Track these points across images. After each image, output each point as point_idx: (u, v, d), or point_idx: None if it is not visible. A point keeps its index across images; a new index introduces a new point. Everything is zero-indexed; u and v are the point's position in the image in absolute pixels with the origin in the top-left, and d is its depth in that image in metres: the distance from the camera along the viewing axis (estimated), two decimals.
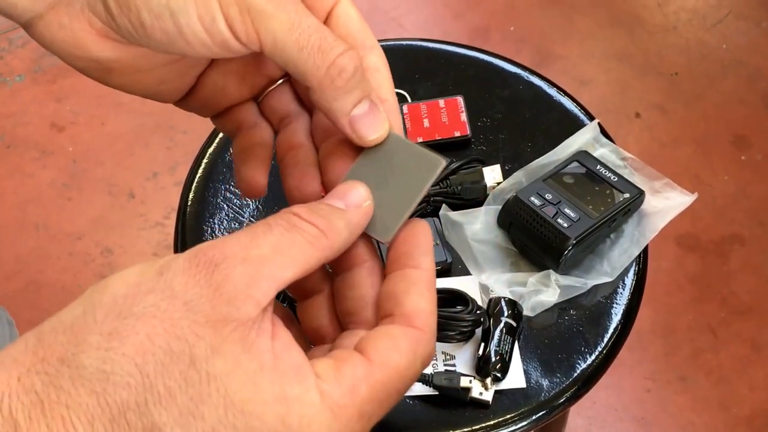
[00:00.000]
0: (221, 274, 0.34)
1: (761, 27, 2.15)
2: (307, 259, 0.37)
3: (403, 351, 0.37)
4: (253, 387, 0.33)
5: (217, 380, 0.33)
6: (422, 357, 0.38)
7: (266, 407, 0.33)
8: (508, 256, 0.83)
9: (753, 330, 1.66)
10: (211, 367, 0.33)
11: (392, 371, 0.37)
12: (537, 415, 0.75)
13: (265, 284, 0.35)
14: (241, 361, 0.33)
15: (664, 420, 1.56)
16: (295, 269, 0.36)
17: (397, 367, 0.37)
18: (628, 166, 0.88)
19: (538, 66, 1.02)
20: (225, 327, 0.33)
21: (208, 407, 0.32)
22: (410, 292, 0.39)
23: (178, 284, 0.34)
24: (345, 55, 0.40)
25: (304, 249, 0.37)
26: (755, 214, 1.81)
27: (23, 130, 1.97)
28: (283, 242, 0.36)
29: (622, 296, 0.82)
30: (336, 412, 0.34)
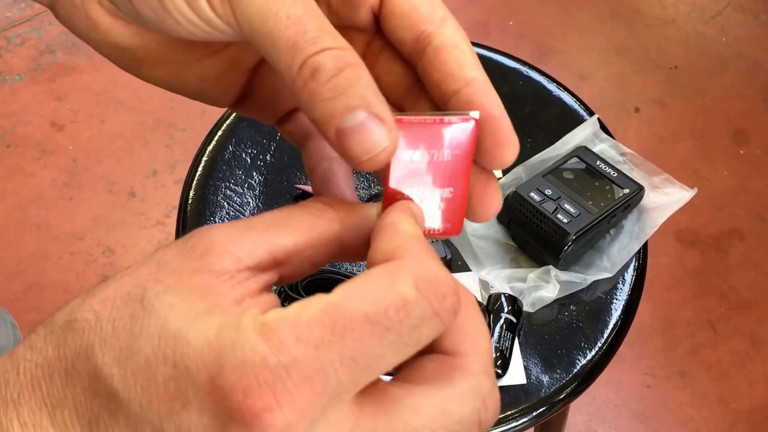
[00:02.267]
0: (197, 236, 0.31)
1: (760, 19, 2.15)
2: (310, 227, 0.33)
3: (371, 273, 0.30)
4: (193, 318, 0.29)
5: (158, 311, 0.30)
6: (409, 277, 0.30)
7: (197, 332, 0.29)
8: (507, 251, 0.83)
9: (752, 325, 1.66)
10: (157, 302, 0.30)
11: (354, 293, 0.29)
12: (537, 411, 0.75)
13: (250, 245, 0.31)
14: (191, 297, 0.30)
15: (663, 415, 1.56)
16: (295, 237, 0.32)
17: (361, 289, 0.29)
18: (627, 162, 0.88)
19: (538, 61, 1.02)
20: (192, 277, 0.30)
21: (144, 339, 0.29)
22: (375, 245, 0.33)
23: (160, 252, 0.32)
24: (325, 53, 0.33)
25: (304, 219, 0.33)
26: (754, 208, 1.81)
27: (23, 129, 1.97)
28: (280, 216, 0.33)
29: (622, 292, 0.82)
30: (267, 334, 0.28)
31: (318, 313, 0.29)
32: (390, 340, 0.29)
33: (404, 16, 0.36)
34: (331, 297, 0.29)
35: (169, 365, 0.29)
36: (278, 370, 0.28)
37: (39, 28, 2.13)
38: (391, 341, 0.29)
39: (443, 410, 0.30)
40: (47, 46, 2.10)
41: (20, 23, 2.15)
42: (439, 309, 0.30)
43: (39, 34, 2.12)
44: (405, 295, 0.29)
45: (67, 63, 2.06)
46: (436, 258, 0.32)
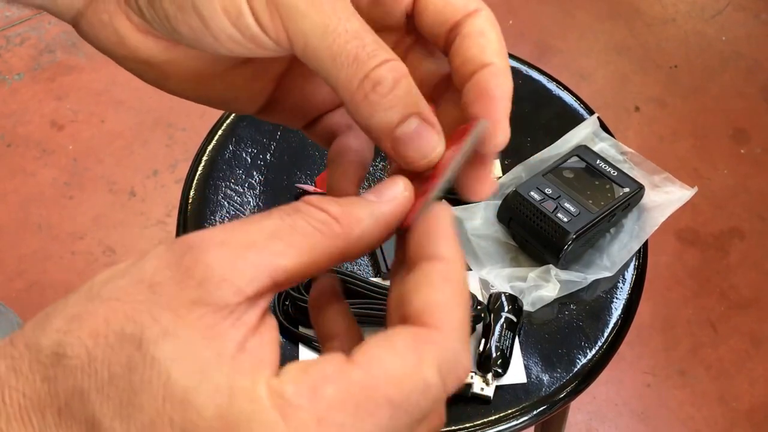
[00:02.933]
0: (193, 256, 0.30)
1: (760, 18, 2.15)
2: (313, 246, 0.31)
3: (398, 349, 0.30)
4: (200, 376, 0.28)
5: (160, 365, 0.28)
6: (435, 360, 0.30)
7: (207, 399, 0.28)
8: (508, 251, 0.83)
9: (752, 324, 1.66)
10: (157, 351, 0.28)
11: (379, 373, 0.29)
12: (538, 410, 0.75)
13: (251, 270, 0.30)
14: (194, 346, 0.29)
15: (664, 414, 1.56)
16: (296, 257, 0.31)
17: (386, 369, 0.29)
18: (627, 161, 0.88)
19: (538, 60, 1.02)
20: (190, 312, 0.29)
21: (147, 397, 0.28)
22: (421, 286, 0.32)
23: (149, 268, 0.30)
24: (384, 66, 0.34)
25: (307, 235, 0.31)
26: (755, 207, 1.81)
27: (23, 129, 1.97)
28: (281, 227, 0.31)
29: (622, 291, 0.82)
30: (286, 412, 0.28)
31: (340, 393, 0.28)
32: (405, 421, 0.29)
33: (438, 12, 0.37)
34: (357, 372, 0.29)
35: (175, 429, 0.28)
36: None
37: (39, 28, 2.13)
38: (406, 422, 0.29)
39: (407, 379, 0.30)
40: (47, 45, 2.10)
41: (20, 23, 2.15)
42: (451, 390, 0.30)
43: (39, 33, 2.12)
44: (428, 381, 0.29)
45: (67, 62, 2.07)
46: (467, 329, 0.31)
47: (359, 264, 0.83)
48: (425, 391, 0.29)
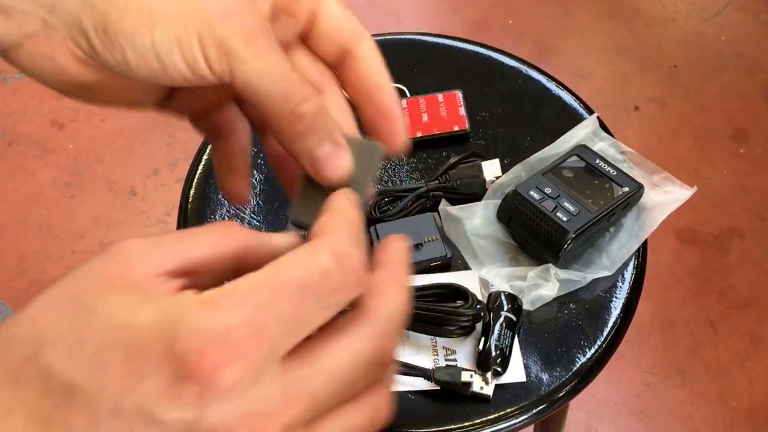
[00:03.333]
0: (115, 248, 0.36)
1: (760, 18, 2.15)
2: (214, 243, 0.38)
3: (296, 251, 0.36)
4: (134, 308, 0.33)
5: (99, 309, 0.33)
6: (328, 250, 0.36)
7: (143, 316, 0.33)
8: (507, 250, 0.84)
9: (752, 323, 1.66)
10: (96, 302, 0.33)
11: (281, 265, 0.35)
12: (537, 408, 0.75)
13: (163, 255, 0.36)
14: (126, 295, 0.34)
15: (663, 414, 1.57)
16: (202, 251, 0.37)
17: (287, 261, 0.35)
18: (627, 160, 0.88)
19: (537, 60, 1.02)
20: (116, 279, 0.34)
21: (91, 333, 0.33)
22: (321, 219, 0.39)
23: (77, 270, 0.36)
24: (308, 102, 0.42)
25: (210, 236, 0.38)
26: (754, 207, 1.81)
27: (24, 128, 1.97)
28: (189, 232, 0.38)
29: (622, 290, 0.82)
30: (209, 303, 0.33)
31: (256, 282, 0.34)
32: (315, 301, 0.35)
33: (331, 36, 0.46)
34: (265, 270, 0.34)
35: (121, 348, 0.32)
36: (226, 331, 0.32)
37: None
38: (316, 302, 0.35)
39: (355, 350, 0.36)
40: None
41: None
42: (349, 280, 0.36)
43: None
44: (324, 266, 0.35)
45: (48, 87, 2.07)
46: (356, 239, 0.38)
47: None
48: (324, 275, 0.35)
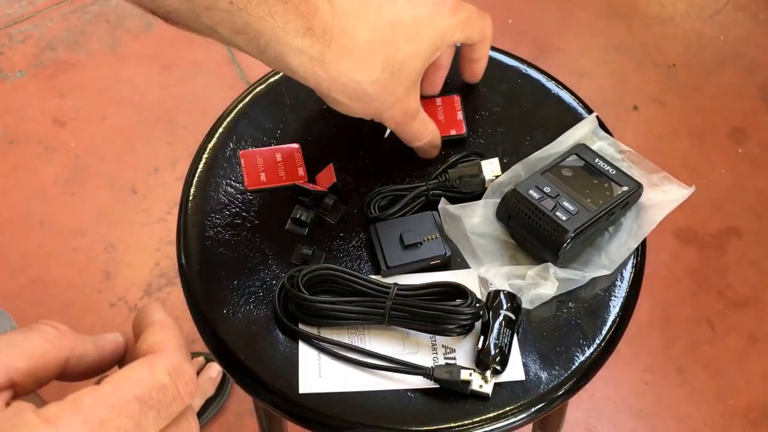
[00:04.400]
0: None
1: (758, 18, 2.16)
2: (42, 353, 0.39)
3: (135, 366, 0.39)
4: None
5: None
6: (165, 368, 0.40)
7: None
8: (506, 249, 0.84)
9: (750, 322, 1.67)
10: None
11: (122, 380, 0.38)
12: (536, 407, 0.76)
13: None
14: None
15: (661, 412, 1.57)
16: (28, 360, 0.38)
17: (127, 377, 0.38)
18: (626, 159, 0.89)
19: (537, 59, 1.02)
20: None
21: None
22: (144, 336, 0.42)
23: None
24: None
25: (38, 344, 0.39)
26: (752, 206, 1.81)
27: (25, 126, 1.97)
28: (17, 338, 0.39)
29: (621, 289, 0.82)
30: (53, 421, 0.35)
31: (98, 398, 0.37)
32: (152, 415, 0.38)
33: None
34: (106, 386, 0.37)
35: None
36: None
37: (41, 25, 2.13)
38: (153, 416, 0.38)
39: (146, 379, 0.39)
40: (48, 43, 2.10)
41: (22, 20, 2.15)
42: (184, 392, 0.40)
43: (41, 31, 2.12)
44: (162, 381, 0.39)
45: (69, 60, 2.07)
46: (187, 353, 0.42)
47: (359, 261, 0.84)
48: (161, 389, 0.39)
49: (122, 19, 2.14)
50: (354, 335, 0.78)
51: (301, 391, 0.75)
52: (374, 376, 0.76)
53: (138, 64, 2.06)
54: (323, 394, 0.75)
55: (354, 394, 0.75)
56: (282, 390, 0.76)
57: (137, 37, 2.11)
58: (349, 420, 0.74)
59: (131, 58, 2.08)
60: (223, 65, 2.06)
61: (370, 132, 0.94)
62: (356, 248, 0.85)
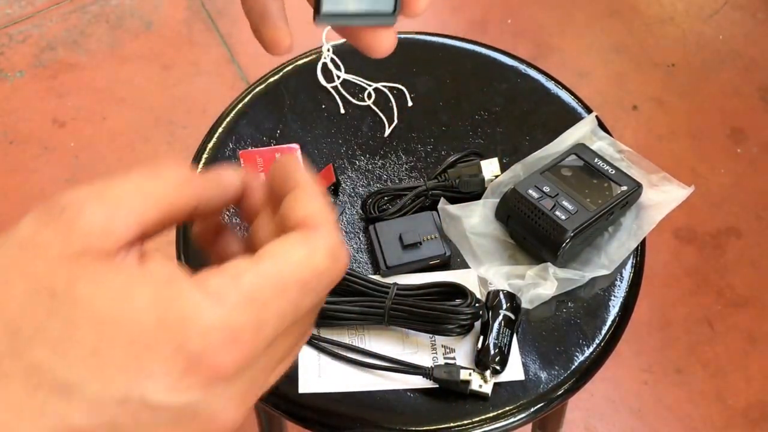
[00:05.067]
0: (72, 212, 0.33)
1: (757, 18, 2.16)
2: (172, 202, 0.37)
3: (293, 242, 0.36)
4: (122, 298, 0.32)
5: (83, 302, 0.32)
6: (324, 248, 0.37)
7: (140, 313, 0.32)
8: (506, 248, 0.84)
9: (749, 322, 1.67)
10: (73, 294, 0.32)
11: (283, 261, 0.36)
12: (536, 407, 0.76)
13: (124, 221, 0.34)
14: (103, 279, 0.32)
15: (660, 412, 1.57)
16: (159, 211, 0.36)
17: (288, 257, 0.36)
18: (625, 159, 0.89)
19: (536, 59, 1.02)
20: (81, 258, 0.32)
21: (81, 330, 0.31)
22: (296, 203, 0.39)
23: (27, 231, 0.33)
24: None
25: (167, 192, 0.37)
26: (751, 206, 1.82)
27: (25, 126, 1.97)
28: (144, 183, 0.36)
29: (620, 289, 0.83)
30: (217, 298, 0.33)
31: (259, 276, 0.34)
32: (308, 301, 0.36)
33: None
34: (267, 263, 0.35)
35: (122, 346, 0.31)
36: (237, 328, 0.33)
37: (40, 25, 2.13)
38: (309, 302, 0.36)
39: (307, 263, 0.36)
40: (48, 43, 2.10)
41: (21, 20, 2.15)
42: (340, 275, 0.37)
43: (40, 31, 2.12)
44: (321, 266, 0.36)
45: (69, 60, 2.07)
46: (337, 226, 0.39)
47: (358, 262, 0.84)
48: (322, 274, 0.36)
49: (122, 20, 2.14)
50: (353, 335, 0.78)
51: (301, 390, 0.75)
52: (374, 376, 0.76)
53: (138, 64, 2.06)
54: (323, 394, 0.75)
55: (353, 394, 0.75)
56: (282, 390, 0.76)
57: (137, 37, 2.11)
58: (349, 420, 0.75)
59: (131, 58, 2.08)
60: (222, 65, 2.06)
61: (370, 132, 0.94)
62: (356, 248, 0.85)
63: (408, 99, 0.97)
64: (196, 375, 0.32)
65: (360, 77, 0.98)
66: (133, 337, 0.32)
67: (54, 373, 0.31)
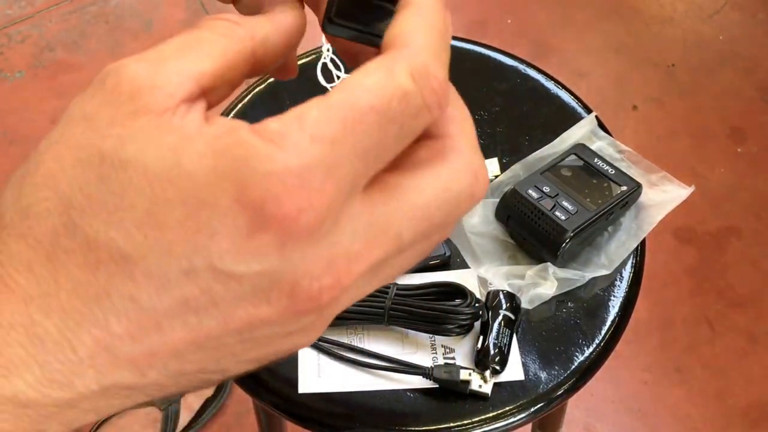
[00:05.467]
0: (114, 77, 0.30)
1: (757, 18, 2.16)
2: (224, 50, 0.32)
3: (370, 68, 0.30)
4: (174, 154, 0.28)
5: (131, 163, 0.28)
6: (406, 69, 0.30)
7: (193, 166, 0.28)
8: (506, 249, 0.84)
9: (749, 322, 1.67)
10: (122, 154, 0.29)
11: (356, 88, 0.30)
12: (535, 407, 0.76)
13: (174, 76, 0.30)
14: (154, 136, 0.29)
15: (660, 412, 1.57)
16: (212, 62, 0.32)
17: (362, 84, 0.30)
18: (625, 159, 0.89)
19: (536, 59, 1.02)
20: (135, 120, 0.29)
21: (133, 193, 0.28)
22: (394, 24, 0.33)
23: (76, 105, 0.31)
24: None
25: (215, 41, 0.32)
26: (751, 206, 1.82)
27: (25, 126, 1.97)
28: (189, 41, 0.32)
29: (620, 289, 0.82)
30: (278, 141, 0.28)
31: (326, 109, 0.29)
32: (394, 129, 0.30)
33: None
34: (336, 94, 0.29)
35: (178, 205, 0.28)
36: (302, 171, 0.28)
37: (40, 26, 2.13)
38: (395, 131, 0.30)
39: (444, 187, 0.31)
40: (48, 43, 2.10)
41: (21, 21, 2.15)
42: (431, 102, 0.31)
43: (40, 31, 2.12)
44: (404, 87, 0.30)
45: (68, 60, 2.07)
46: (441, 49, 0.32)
47: None
48: (404, 98, 0.30)
49: (122, 20, 2.14)
50: (353, 335, 0.78)
51: (301, 391, 0.75)
52: (373, 376, 0.76)
53: None
54: (322, 394, 0.75)
55: (353, 394, 0.75)
56: (281, 390, 0.76)
57: (137, 38, 2.11)
58: (348, 420, 0.74)
59: None
60: None
61: None
62: None
63: None
64: (265, 231, 0.28)
65: None
66: (186, 193, 0.28)
67: (110, 245, 0.28)
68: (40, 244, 0.29)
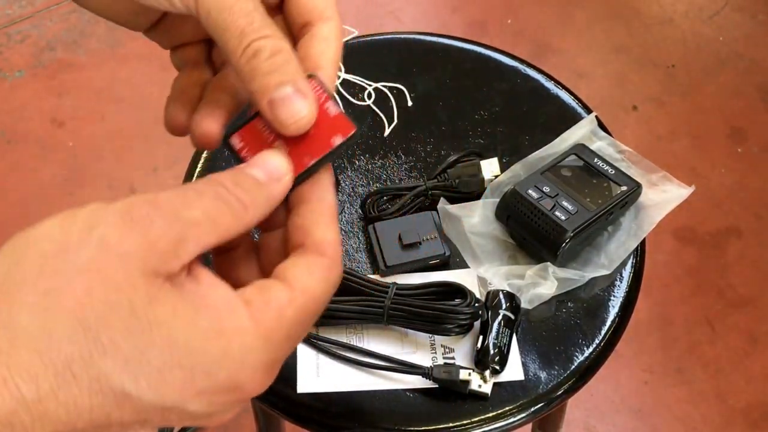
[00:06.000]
0: (157, 231, 0.36)
1: (757, 19, 2.16)
2: (228, 229, 0.40)
3: (317, 278, 0.41)
4: (193, 327, 0.36)
5: (161, 326, 0.35)
6: (333, 282, 0.42)
7: (207, 343, 0.36)
8: (506, 248, 0.84)
9: (750, 322, 1.67)
10: (151, 315, 0.35)
11: (309, 296, 0.41)
12: (535, 407, 0.76)
13: (192, 246, 0.37)
14: (177, 306, 0.36)
15: (661, 412, 1.57)
16: (218, 237, 0.39)
17: (314, 293, 0.41)
18: (625, 159, 0.89)
19: (536, 59, 1.02)
20: (156, 278, 0.36)
21: (154, 352, 0.35)
22: (318, 223, 0.43)
23: (112, 238, 0.36)
24: (265, 39, 0.42)
25: (227, 220, 0.39)
26: (752, 206, 1.81)
27: (24, 125, 1.97)
28: (212, 211, 0.39)
29: (620, 289, 0.82)
30: (268, 336, 0.38)
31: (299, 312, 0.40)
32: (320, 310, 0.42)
33: (300, 7, 0.46)
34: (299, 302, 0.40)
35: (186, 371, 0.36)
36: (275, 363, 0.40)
37: (39, 25, 2.13)
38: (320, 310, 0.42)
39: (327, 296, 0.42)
40: (47, 43, 2.10)
41: (21, 20, 2.15)
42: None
43: (39, 31, 2.12)
44: (331, 290, 0.42)
45: (68, 60, 2.07)
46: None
47: (358, 261, 0.84)
48: (327, 301, 0.42)
49: None
50: (352, 335, 0.78)
51: (299, 390, 0.75)
52: (373, 375, 0.76)
53: (137, 64, 2.06)
54: (321, 393, 0.75)
55: (352, 393, 0.75)
56: (280, 389, 0.76)
57: (136, 37, 2.10)
58: (347, 420, 0.74)
59: (130, 58, 2.07)
60: None
61: (369, 131, 0.94)
62: (355, 248, 0.85)
63: (408, 99, 0.97)
64: (235, 395, 0.38)
65: (360, 77, 0.98)
66: (196, 366, 0.36)
67: (116, 383, 0.34)
68: (52, 363, 0.33)
